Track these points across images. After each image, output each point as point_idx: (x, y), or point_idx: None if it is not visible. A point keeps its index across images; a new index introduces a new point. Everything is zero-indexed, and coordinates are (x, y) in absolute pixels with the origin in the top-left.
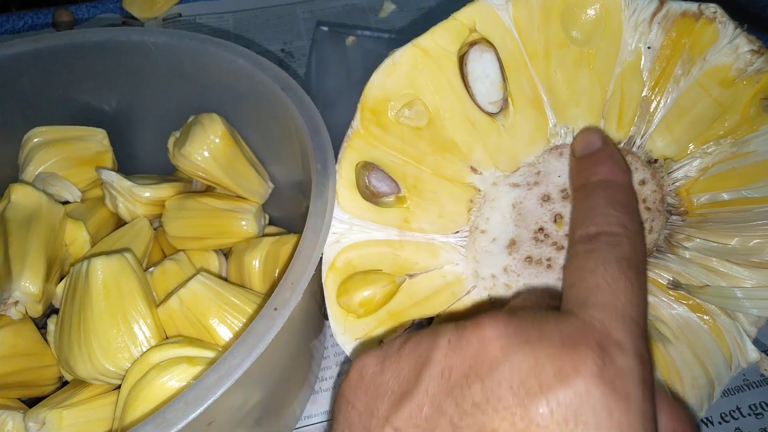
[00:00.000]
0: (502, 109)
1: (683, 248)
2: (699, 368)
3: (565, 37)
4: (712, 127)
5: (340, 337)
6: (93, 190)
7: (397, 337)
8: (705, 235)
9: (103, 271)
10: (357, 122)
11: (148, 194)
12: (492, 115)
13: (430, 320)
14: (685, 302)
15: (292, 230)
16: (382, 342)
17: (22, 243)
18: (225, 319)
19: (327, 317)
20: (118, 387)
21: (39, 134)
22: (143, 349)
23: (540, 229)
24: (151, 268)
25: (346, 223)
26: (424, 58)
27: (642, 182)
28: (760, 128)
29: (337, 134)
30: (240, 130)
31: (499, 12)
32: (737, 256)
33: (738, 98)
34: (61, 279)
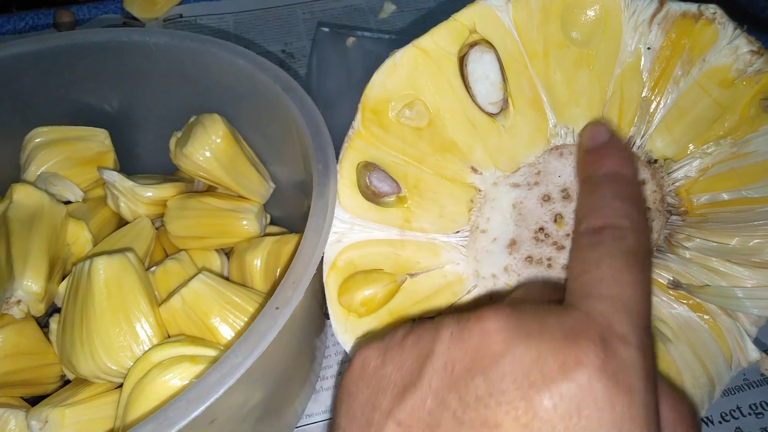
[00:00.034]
0: (503, 109)
1: (683, 248)
2: (699, 367)
3: (565, 37)
4: (712, 128)
5: (341, 336)
6: (95, 190)
7: (398, 329)
8: (705, 235)
9: (105, 270)
10: (358, 122)
11: (150, 194)
12: (492, 115)
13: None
14: (685, 302)
15: (294, 230)
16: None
17: (25, 242)
18: (227, 318)
19: (328, 316)
20: (121, 385)
21: (41, 134)
22: (145, 348)
23: (540, 229)
24: (153, 268)
25: (348, 222)
26: (425, 58)
27: (642, 182)
28: (759, 128)
29: (338, 134)
30: (241, 130)
31: (499, 13)
32: (737, 256)
33: (738, 99)
34: (64, 278)
